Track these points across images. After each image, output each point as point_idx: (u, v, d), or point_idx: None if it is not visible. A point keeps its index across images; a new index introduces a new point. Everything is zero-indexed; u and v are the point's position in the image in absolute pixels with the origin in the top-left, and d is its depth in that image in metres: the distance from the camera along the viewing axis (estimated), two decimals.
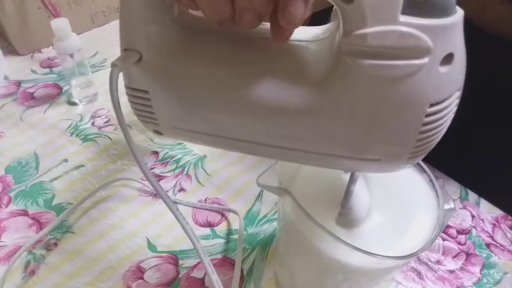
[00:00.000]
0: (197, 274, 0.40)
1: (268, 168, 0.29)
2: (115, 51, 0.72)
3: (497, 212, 0.47)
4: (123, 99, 0.24)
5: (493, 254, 0.43)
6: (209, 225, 0.44)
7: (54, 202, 0.46)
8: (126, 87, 0.25)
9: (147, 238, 0.43)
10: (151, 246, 0.42)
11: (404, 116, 0.21)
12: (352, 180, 0.29)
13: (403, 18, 0.18)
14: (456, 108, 0.22)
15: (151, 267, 0.40)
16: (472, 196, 0.49)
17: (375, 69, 0.19)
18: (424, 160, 0.32)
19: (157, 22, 0.23)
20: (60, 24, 0.52)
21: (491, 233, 0.45)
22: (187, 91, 0.24)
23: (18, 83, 0.63)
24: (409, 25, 0.18)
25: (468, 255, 0.43)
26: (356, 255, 0.26)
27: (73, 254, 0.41)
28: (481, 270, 0.42)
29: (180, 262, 0.41)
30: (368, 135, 0.22)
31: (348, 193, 0.29)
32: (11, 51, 0.69)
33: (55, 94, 0.61)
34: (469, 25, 0.20)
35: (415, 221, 0.30)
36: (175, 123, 0.26)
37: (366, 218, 0.30)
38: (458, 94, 0.21)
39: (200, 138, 0.27)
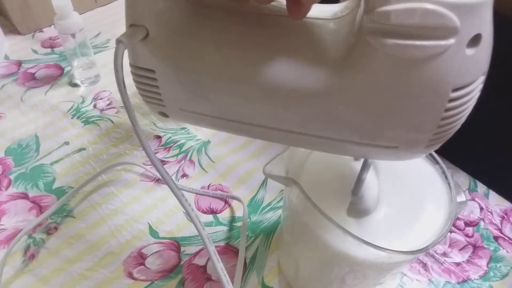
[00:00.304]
0: (199, 261, 0.40)
1: (275, 157, 0.28)
2: (119, 32, 0.70)
3: (506, 204, 0.46)
4: (128, 80, 0.22)
5: (501, 248, 0.42)
6: (212, 212, 0.44)
7: (55, 186, 0.45)
8: (131, 65, 0.24)
9: (149, 224, 0.42)
10: (153, 232, 0.42)
11: (426, 100, 0.19)
12: (364, 167, 0.28)
13: None
14: (479, 94, 0.21)
15: (152, 253, 0.40)
16: (481, 187, 0.48)
17: (398, 49, 0.18)
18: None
19: None
20: (62, 2, 0.50)
21: (500, 226, 0.44)
22: (195, 71, 0.23)
23: (19, 63, 0.61)
24: (436, 2, 0.17)
25: (475, 247, 0.42)
26: (364, 248, 0.25)
27: (74, 239, 0.41)
28: (488, 263, 0.41)
29: (182, 248, 0.40)
30: (387, 120, 0.21)
31: (360, 181, 0.28)
32: (11, 30, 0.67)
33: (56, 75, 0.60)
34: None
35: (425, 214, 0.29)
36: (182, 105, 0.25)
37: (376, 209, 0.29)
38: (482, 78, 0.20)
39: (208, 121, 0.26)
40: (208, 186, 0.46)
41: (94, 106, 0.55)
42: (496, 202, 0.46)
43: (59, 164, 0.47)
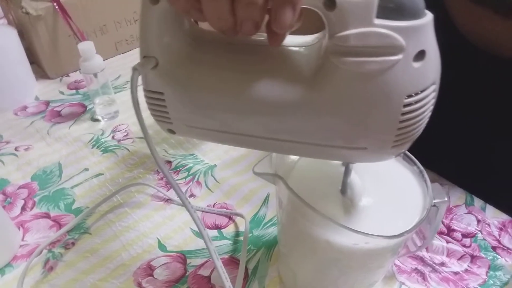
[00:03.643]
0: (204, 272, 0.42)
1: (264, 157, 0.32)
2: None
3: (504, 217, 0.47)
4: (145, 113, 0.26)
5: (499, 257, 0.43)
6: (217, 227, 0.46)
7: (74, 206, 0.49)
8: (144, 90, 0.28)
9: (158, 239, 0.45)
10: (162, 246, 0.44)
11: (384, 106, 0.23)
12: (346, 172, 0.31)
13: (378, 21, 0.21)
14: (434, 100, 0.24)
15: (160, 265, 0.43)
16: (478, 202, 0.49)
17: (356, 65, 0.22)
18: (428, 168, 0.34)
19: (171, 33, 0.26)
20: (86, 46, 0.57)
21: (498, 237, 0.45)
22: (195, 93, 0.27)
23: (47, 103, 0.68)
24: (383, 26, 0.21)
25: (473, 257, 0.43)
26: (344, 234, 0.28)
27: (89, 252, 0.44)
28: (487, 272, 0.42)
29: (188, 261, 0.43)
30: (353, 124, 0.24)
31: (345, 184, 0.31)
32: (42, 75, 0.75)
33: (79, 112, 0.66)
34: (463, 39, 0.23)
35: (405, 210, 0.31)
36: (186, 122, 0.29)
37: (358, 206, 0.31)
38: (434, 87, 0.24)
39: (209, 135, 0.30)
40: (214, 204, 0.49)
41: (113, 137, 0.60)
42: (493, 215, 0.47)
43: (79, 188, 0.52)
